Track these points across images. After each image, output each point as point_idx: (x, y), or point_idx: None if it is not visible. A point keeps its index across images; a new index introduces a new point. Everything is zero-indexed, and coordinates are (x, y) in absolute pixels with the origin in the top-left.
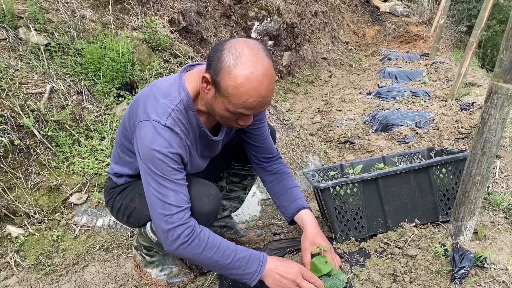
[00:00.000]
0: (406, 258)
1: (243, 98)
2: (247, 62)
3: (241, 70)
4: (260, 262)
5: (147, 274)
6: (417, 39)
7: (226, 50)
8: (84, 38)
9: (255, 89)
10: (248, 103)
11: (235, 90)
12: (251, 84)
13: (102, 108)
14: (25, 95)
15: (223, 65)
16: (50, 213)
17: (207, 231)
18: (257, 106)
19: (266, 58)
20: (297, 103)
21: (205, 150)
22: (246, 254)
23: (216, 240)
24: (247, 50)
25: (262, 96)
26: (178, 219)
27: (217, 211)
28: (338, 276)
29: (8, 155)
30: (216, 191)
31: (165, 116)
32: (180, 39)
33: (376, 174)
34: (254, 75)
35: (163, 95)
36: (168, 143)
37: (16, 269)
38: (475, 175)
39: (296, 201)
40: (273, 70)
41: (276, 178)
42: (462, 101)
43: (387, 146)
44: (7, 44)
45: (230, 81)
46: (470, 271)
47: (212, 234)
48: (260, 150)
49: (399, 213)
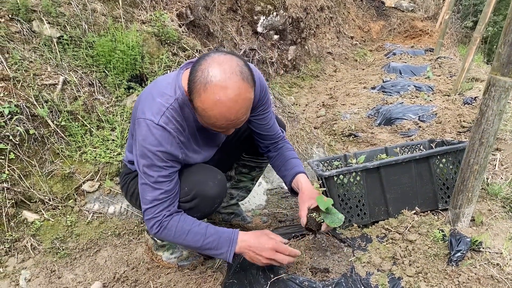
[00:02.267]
0: (406, 242)
1: (211, 120)
2: (216, 87)
3: (209, 95)
4: (230, 243)
5: (158, 257)
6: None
7: (200, 71)
8: (95, 31)
9: (222, 114)
10: (217, 125)
11: (204, 112)
12: (218, 110)
13: (113, 99)
14: (39, 86)
15: (195, 86)
16: (64, 200)
17: (174, 223)
18: (227, 127)
19: (240, 82)
20: (302, 97)
21: (208, 140)
22: (215, 238)
23: (184, 228)
24: (219, 74)
25: (230, 120)
26: (150, 213)
27: (222, 195)
28: (337, 214)
29: (24, 144)
30: (222, 176)
31: (159, 115)
32: (188, 32)
33: (378, 163)
34: (221, 101)
35: (159, 94)
36: (158, 142)
37: (33, 252)
38: (473, 164)
39: (294, 168)
40: (249, 92)
41: (278, 153)
42: (465, 95)
43: (390, 139)
44: (22, 37)
45: (199, 103)
46: (466, 254)
47: (181, 224)
48: (266, 137)
49: (400, 201)
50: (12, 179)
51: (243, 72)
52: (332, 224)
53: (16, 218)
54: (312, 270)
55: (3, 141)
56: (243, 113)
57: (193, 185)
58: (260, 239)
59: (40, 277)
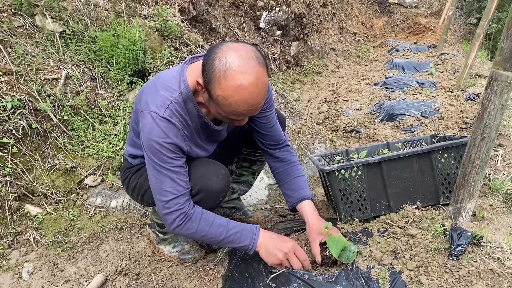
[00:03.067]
0: (407, 237)
1: (232, 107)
2: (236, 73)
3: (230, 82)
4: (253, 236)
5: (160, 250)
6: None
7: (217, 59)
8: (97, 26)
9: (244, 100)
10: (238, 112)
11: (224, 100)
12: (239, 95)
13: (115, 94)
14: (41, 81)
15: (214, 75)
16: (66, 194)
17: (199, 214)
18: (247, 114)
19: (257, 67)
20: (304, 93)
21: (210, 137)
22: (238, 230)
23: (208, 220)
24: (237, 60)
25: (251, 105)
26: (173, 205)
27: (225, 189)
28: (350, 248)
29: (27, 138)
30: (225, 171)
31: (163, 108)
32: (190, 28)
33: (380, 158)
34: (243, 86)
35: (163, 87)
36: (165, 134)
37: (35, 246)
38: (474, 159)
39: (299, 191)
40: (266, 77)
41: (281, 166)
42: (468, 92)
43: (393, 135)
44: (24, 31)
45: (219, 91)
46: (467, 249)
47: (205, 215)
48: (266, 137)
49: (401, 195)
50: (15, 173)
51: (258, 57)
52: (347, 261)
53: (19, 212)
54: (312, 264)
55: (6, 135)
56: (262, 98)
57: (197, 180)
58: (280, 238)
59: (42, 270)
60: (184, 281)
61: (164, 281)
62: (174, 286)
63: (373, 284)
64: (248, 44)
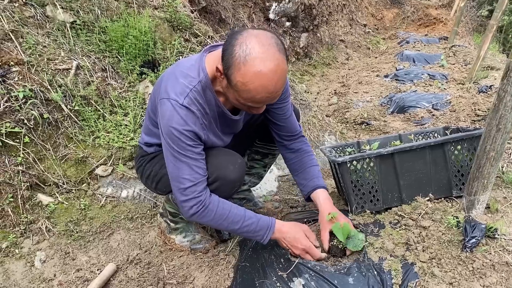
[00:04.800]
0: (419, 229)
1: (251, 94)
2: (256, 59)
3: (250, 68)
4: (268, 228)
5: (171, 240)
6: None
7: (238, 45)
8: (108, 17)
9: (263, 86)
10: (257, 99)
11: (244, 87)
12: (259, 81)
13: (126, 85)
14: (53, 71)
15: (234, 61)
16: (78, 184)
17: (216, 203)
18: (266, 101)
19: (277, 54)
20: (313, 85)
21: (226, 127)
22: (254, 221)
23: (225, 209)
24: (257, 46)
25: (270, 92)
26: (190, 192)
27: (241, 179)
28: (357, 236)
29: (38, 128)
30: (242, 160)
31: (183, 96)
32: (200, 18)
33: (392, 149)
34: (262, 73)
35: (183, 75)
36: (184, 121)
37: (47, 234)
38: (489, 151)
39: (313, 179)
40: (285, 64)
41: (296, 156)
42: (480, 84)
43: (403, 127)
44: (35, 22)
45: (239, 77)
46: (481, 241)
47: (222, 204)
48: (282, 129)
49: (413, 187)
50: (27, 163)
51: (278, 44)
52: (355, 249)
53: (31, 201)
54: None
55: (18, 125)
56: (281, 85)
57: (214, 168)
58: (296, 234)
59: (54, 258)
60: (195, 270)
61: (175, 270)
62: (185, 276)
63: (385, 276)
64: (268, 31)
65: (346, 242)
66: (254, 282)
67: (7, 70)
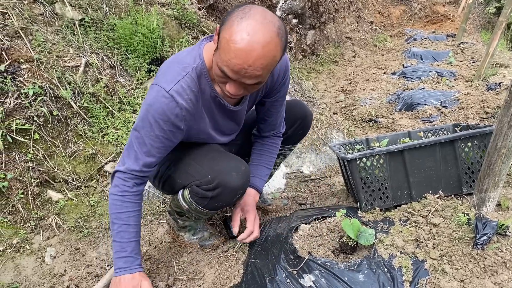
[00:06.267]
0: (430, 226)
1: (229, 55)
2: (250, 25)
3: (240, 29)
4: (114, 270)
5: (180, 237)
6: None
7: (242, 8)
8: (116, 14)
9: (243, 53)
10: (232, 63)
11: (226, 45)
12: (241, 45)
13: (134, 82)
14: (62, 68)
15: (230, 18)
16: (87, 180)
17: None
18: (240, 72)
19: (274, 34)
20: (320, 82)
21: (226, 120)
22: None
23: (119, 216)
24: (259, 16)
25: (247, 64)
26: (118, 176)
27: (244, 187)
28: (367, 231)
29: (48, 125)
30: (246, 168)
31: (172, 83)
32: (207, 16)
33: (402, 146)
34: (248, 39)
35: (178, 61)
36: (163, 111)
37: (57, 230)
38: (500, 148)
39: (256, 178)
40: (278, 51)
41: (260, 150)
42: (488, 81)
43: (411, 124)
44: (44, 19)
45: (226, 34)
46: (492, 238)
47: (120, 204)
48: (265, 122)
49: (423, 184)
50: (36, 159)
51: (281, 31)
52: (367, 243)
53: (41, 197)
54: (334, 252)
55: (28, 122)
56: (260, 66)
57: (217, 174)
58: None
59: (64, 254)
60: (205, 266)
61: (185, 266)
62: (195, 272)
63: (395, 273)
64: (280, 19)
65: (358, 238)
66: (264, 278)
67: (17, 68)
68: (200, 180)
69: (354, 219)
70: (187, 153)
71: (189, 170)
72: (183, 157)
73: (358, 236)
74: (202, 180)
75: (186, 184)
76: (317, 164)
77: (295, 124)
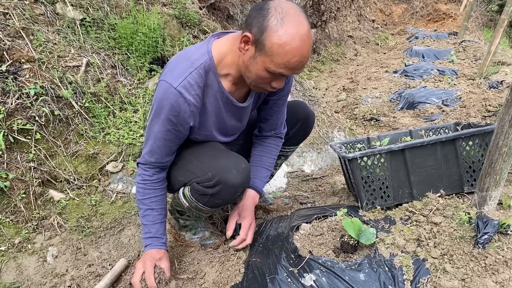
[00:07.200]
0: (431, 225)
1: (287, 57)
2: (292, 21)
3: (288, 29)
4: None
5: (181, 236)
6: (445, 17)
7: (272, 9)
8: (117, 14)
9: (299, 49)
10: (291, 63)
11: (280, 49)
12: (295, 43)
13: (135, 82)
14: (63, 68)
15: (269, 23)
16: (88, 180)
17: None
18: (297, 67)
19: (306, 21)
20: (321, 81)
21: (232, 117)
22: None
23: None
24: (292, 10)
25: (303, 56)
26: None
27: (244, 184)
28: (367, 231)
29: (49, 125)
30: (246, 165)
31: (180, 79)
32: (208, 15)
33: (403, 145)
34: (299, 34)
35: (186, 58)
36: (172, 107)
37: (59, 230)
38: (501, 146)
39: (256, 179)
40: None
41: (260, 151)
42: (490, 79)
43: (413, 123)
44: (46, 19)
45: (276, 39)
46: (494, 237)
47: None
48: (267, 121)
49: (424, 183)
50: (38, 159)
51: (304, 13)
52: (368, 242)
53: (43, 197)
54: (335, 251)
55: (30, 122)
56: (310, 52)
57: (217, 171)
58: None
59: (66, 254)
60: (206, 266)
61: (187, 266)
62: (196, 271)
63: (396, 272)
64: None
65: (359, 237)
66: (265, 277)
67: (19, 68)
68: (201, 177)
69: (355, 218)
70: (188, 151)
71: (190, 167)
72: (184, 155)
73: (359, 235)
74: (202, 177)
75: (186, 181)
76: (318, 163)
77: (297, 125)
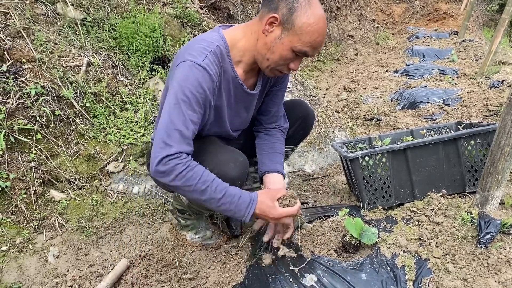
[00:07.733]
0: (433, 225)
1: (314, 35)
2: (317, 5)
3: (315, 11)
4: (251, 201)
5: (182, 236)
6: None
7: None
8: (117, 13)
9: (322, 29)
10: (316, 42)
11: (310, 28)
12: (321, 23)
13: (136, 81)
14: (64, 68)
15: (299, 4)
16: (89, 180)
17: (201, 167)
18: (318, 46)
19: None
20: (322, 81)
21: (240, 104)
22: (237, 192)
23: (210, 176)
24: None
25: (324, 37)
26: (176, 144)
27: (242, 177)
28: (369, 230)
29: (50, 125)
30: (244, 159)
31: (201, 57)
32: (208, 15)
33: (405, 145)
34: (322, 16)
35: (201, 40)
36: (199, 83)
37: (60, 230)
38: (504, 146)
39: (277, 164)
40: None
41: (270, 139)
42: (491, 79)
43: (414, 123)
44: (46, 19)
45: (305, 18)
46: (496, 237)
47: (207, 171)
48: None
49: (426, 183)
50: (39, 159)
51: None
52: (370, 242)
53: (44, 197)
54: (337, 251)
55: (30, 122)
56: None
57: (215, 165)
58: (272, 201)
59: (67, 254)
60: (208, 266)
61: (188, 266)
62: (198, 271)
63: (398, 272)
64: None
65: (360, 237)
66: (267, 277)
67: (19, 68)
68: None
69: (357, 218)
70: None
71: None
72: None
73: (361, 235)
74: None
75: None
76: (319, 163)
77: (296, 124)
